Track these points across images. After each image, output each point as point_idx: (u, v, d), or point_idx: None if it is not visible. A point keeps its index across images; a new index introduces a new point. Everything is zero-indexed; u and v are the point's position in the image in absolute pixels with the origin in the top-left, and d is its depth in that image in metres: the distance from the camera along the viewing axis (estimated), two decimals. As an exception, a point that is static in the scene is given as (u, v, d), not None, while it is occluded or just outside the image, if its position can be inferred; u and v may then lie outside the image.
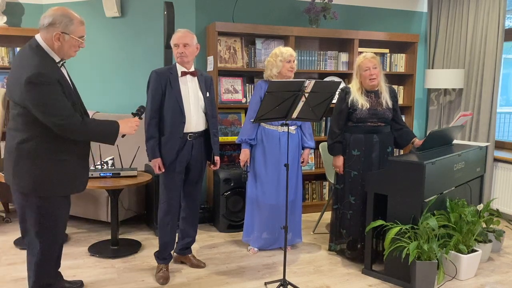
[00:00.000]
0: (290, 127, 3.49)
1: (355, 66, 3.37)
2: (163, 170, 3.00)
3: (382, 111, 3.29)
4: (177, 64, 3.04)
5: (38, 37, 2.32)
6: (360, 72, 3.29)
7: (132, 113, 2.69)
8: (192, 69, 3.06)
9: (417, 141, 3.40)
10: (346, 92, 3.34)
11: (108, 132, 2.44)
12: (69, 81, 2.46)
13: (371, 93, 3.32)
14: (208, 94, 3.11)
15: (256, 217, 3.60)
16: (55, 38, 2.29)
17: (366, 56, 3.29)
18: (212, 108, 3.17)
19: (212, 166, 3.24)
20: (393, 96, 3.40)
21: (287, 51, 3.49)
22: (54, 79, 2.26)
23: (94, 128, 2.39)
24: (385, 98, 3.31)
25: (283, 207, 3.50)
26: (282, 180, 3.48)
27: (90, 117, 4.76)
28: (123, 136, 2.53)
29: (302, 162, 3.64)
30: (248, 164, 3.57)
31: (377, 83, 3.30)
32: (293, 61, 3.50)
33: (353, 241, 3.41)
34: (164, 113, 2.98)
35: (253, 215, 3.62)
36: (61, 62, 2.39)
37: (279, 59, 3.46)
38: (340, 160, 3.38)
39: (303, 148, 3.64)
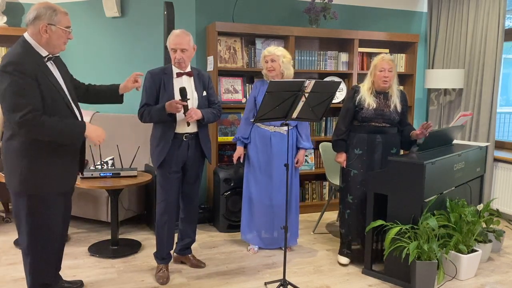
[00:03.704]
0: (281, 127, 3.49)
1: (371, 65, 3.35)
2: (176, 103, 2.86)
3: (389, 113, 3.27)
4: (172, 65, 3.04)
5: (25, 34, 2.35)
6: (375, 71, 3.28)
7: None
8: (188, 69, 3.05)
9: (414, 132, 3.31)
10: (355, 91, 3.34)
11: (69, 132, 2.36)
12: (57, 78, 2.43)
13: (381, 95, 3.30)
14: (205, 93, 3.10)
15: (252, 216, 3.61)
16: (42, 31, 2.30)
17: (384, 57, 3.28)
18: (211, 99, 3.15)
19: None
20: (403, 100, 3.38)
21: (266, 51, 3.48)
22: (29, 72, 2.23)
23: (54, 127, 2.28)
24: (395, 102, 3.29)
25: (278, 207, 3.51)
26: (275, 180, 3.49)
27: (90, 117, 4.81)
28: (94, 145, 2.49)
29: (297, 163, 3.59)
30: (241, 161, 3.62)
31: (389, 86, 3.29)
32: (271, 61, 3.42)
33: (350, 241, 3.41)
34: None
35: (248, 213, 3.63)
36: (48, 57, 2.38)
37: (262, 59, 3.53)
38: (342, 156, 3.37)
39: (299, 149, 3.60)
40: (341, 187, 3.48)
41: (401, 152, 3.51)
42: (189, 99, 2.90)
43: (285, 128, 3.48)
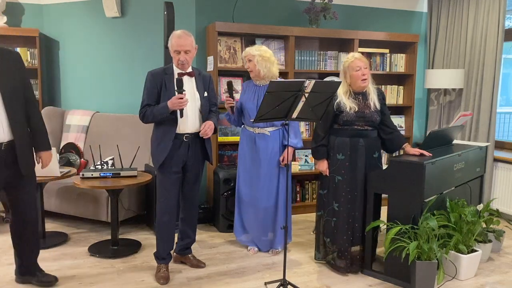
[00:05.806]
0: (265, 129, 3.46)
1: (342, 68, 3.20)
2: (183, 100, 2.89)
3: (370, 114, 3.14)
4: (173, 65, 3.04)
5: None
6: (350, 72, 3.13)
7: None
8: (190, 69, 3.06)
9: (408, 148, 3.22)
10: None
11: None
12: None
13: (359, 95, 3.18)
14: (206, 94, 3.10)
15: (243, 218, 3.62)
16: None
17: (355, 56, 3.15)
18: (212, 100, 3.17)
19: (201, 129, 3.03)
20: (381, 98, 3.24)
21: (244, 51, 3.48)
22: None
23: None
24: (373, 100, 3.17)
25: (267, 209, 3.49)
26: (262, 181, 3.46)
27: (90, 117, 4.79)
28: None
29: (283, 160, 3.45)
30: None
31: (367, 84, 3.17)
32: (248, 61, 3.41)
33: (338, 251, 3.22)
34: None
35: (239, 215, 3.63)
36: None
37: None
38: (324, 164, 3.23)
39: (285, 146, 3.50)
40: (320, 193, 3.33)
41: (383, 155, 3.37)
42: (184, 90, 2.88)
43: (269, 129, 3.47)
